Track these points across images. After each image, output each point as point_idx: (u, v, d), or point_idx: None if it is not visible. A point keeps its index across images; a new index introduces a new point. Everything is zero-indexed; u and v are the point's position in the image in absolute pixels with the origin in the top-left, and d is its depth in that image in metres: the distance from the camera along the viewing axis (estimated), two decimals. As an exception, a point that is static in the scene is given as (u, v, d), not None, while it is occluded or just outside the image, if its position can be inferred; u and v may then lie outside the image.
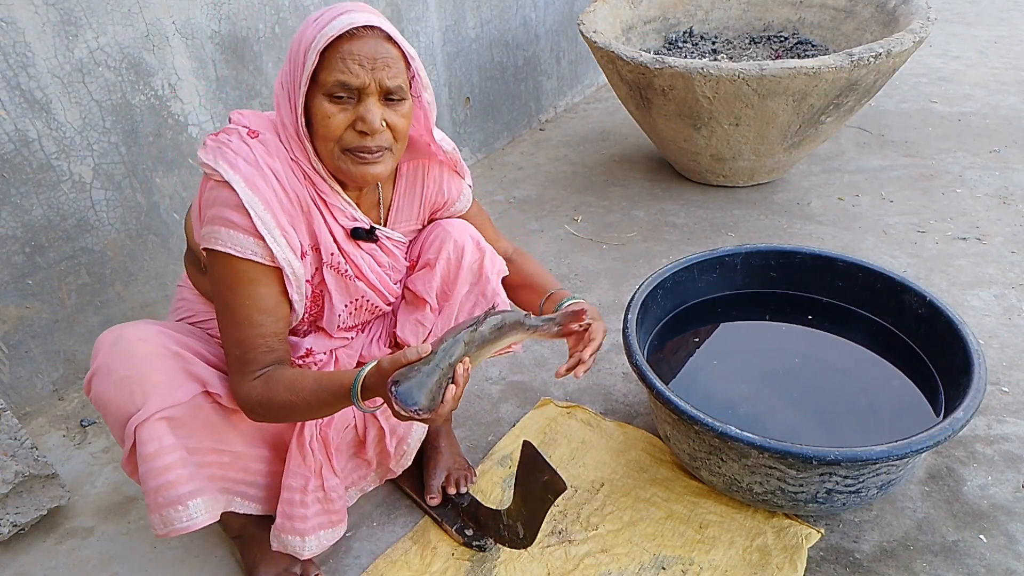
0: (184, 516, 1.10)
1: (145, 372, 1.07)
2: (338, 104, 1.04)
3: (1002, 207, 2.51)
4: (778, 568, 1.30)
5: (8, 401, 1.75)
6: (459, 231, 1.29)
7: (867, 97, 2.39)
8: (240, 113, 1.14)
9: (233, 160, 1.05)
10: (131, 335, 1.10)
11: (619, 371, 1.86)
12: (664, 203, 2.70)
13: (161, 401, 1.07)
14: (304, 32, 1.04)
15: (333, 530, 1.32)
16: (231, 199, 1.04)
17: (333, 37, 1.00)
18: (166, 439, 1.08)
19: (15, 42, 1.54)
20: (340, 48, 1.01)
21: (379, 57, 1.04)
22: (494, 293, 1.32)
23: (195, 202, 1.15)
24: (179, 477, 1.09)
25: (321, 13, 1.05)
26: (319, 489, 1.27)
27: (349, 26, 1.01)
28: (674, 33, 3.11)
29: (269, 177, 1.07)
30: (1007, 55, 3.95)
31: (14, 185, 1.63)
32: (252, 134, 1.10)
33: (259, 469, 1.27)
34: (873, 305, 1.66)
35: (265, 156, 1.08)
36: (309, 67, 1.01)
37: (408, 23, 2.53)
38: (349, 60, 1.02)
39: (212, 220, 1.05)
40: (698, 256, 1.72)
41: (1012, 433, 1.59)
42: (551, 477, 1.17)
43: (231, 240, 1.04)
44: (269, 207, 1.06)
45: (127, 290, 1.93)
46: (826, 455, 1.17)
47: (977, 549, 1.34)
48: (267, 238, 1.05)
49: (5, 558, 1.45)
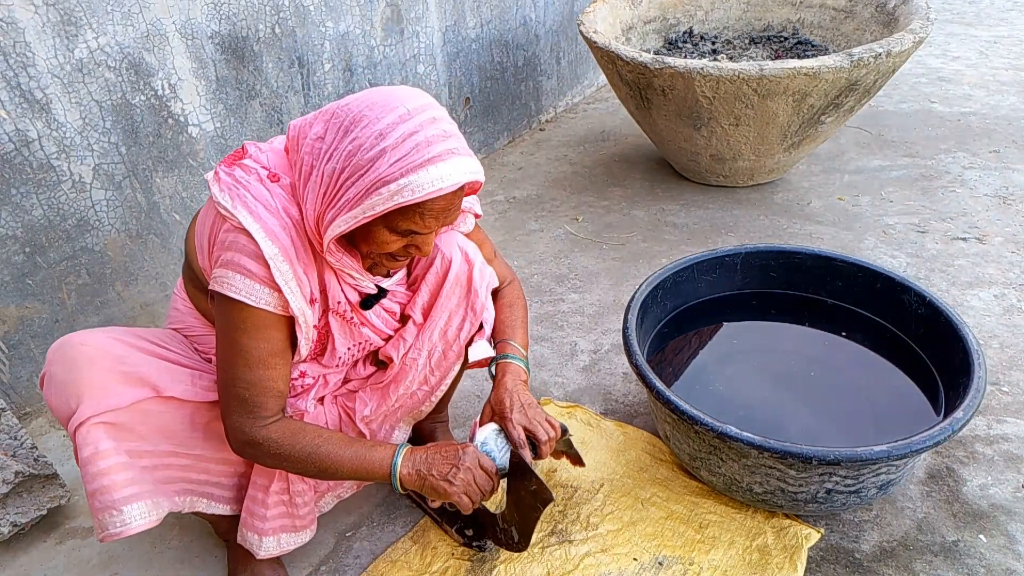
0: (118, 521, 1.09)
1: (80, 377, 1.06)
2: (397, 235, 1.02)
3: (1002, 207, 2.51)
4: (778, 568, 1.30)
5: (8, 401, 1.75)
6: (448, 243, 1.26)
7: (867, 97, 2.39)
8: (258, 147, 1.10)
9: (253, 206, 1.01)
10: (74, 340, 1.10)
11: (619, 371, 1.86)
12: (664, 203, 2.70)
13: (95, 405, 1.05)
14: (381, 158, 0.93)
15: (296, 535, 1.31)
16: (248, 247, 1.01)
17: (420, 200, 0.94)
18: (102, 443, 1.06)
19: (15, 42, 1.54)
20: (421, 204, 0.97)
21: (453, 207, 1.01)
22: (483, 307, 1.28)
23: (201, 223, 1.10)
24: (113, 482, 1.07)
25: (403, 137, 0.93)
26: (283, 492, 1.27)
27: (439, 191, 0.94)
28: (674, 33, 3.11)
29: (288, 226, 1.03)
30: (1007, 55, 3.95)
31: (14, 185, 1.63)
32: (273, 178, 1.05)
33: (223, 470, 1.26)
34: (873, 305, 1.66)
35: (285, 203, 1.04)
36: (379, 209, 0.95)
37: (408, 23, 2.54)
38: (428, 216, 0.99)
39: (227, 264, 1.02)
40: (698, 256, 1.72)
41: (1012, 433, 1.59)
42: (539, 487, 1.18)
43: (247, 289, 1.02)
44: (288, 257, 1.02)
45: (127, 290, 1.93)
46: (826, 455, 1.17)
47: (977, 549, 1.34)
48: (284, 290, 1.03)
49: (5, 558, 1.45)
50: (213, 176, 1.06)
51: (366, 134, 0.94)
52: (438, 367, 1.30)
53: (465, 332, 1.28)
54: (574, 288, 2.22)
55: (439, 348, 1.29)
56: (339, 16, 2.25)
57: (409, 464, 1.13)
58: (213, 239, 1.06)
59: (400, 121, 0.94)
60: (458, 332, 1.28)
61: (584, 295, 2.18)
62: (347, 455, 1.11)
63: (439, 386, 1.33)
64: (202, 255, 1.10)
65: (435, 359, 1.29)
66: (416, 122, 0.94)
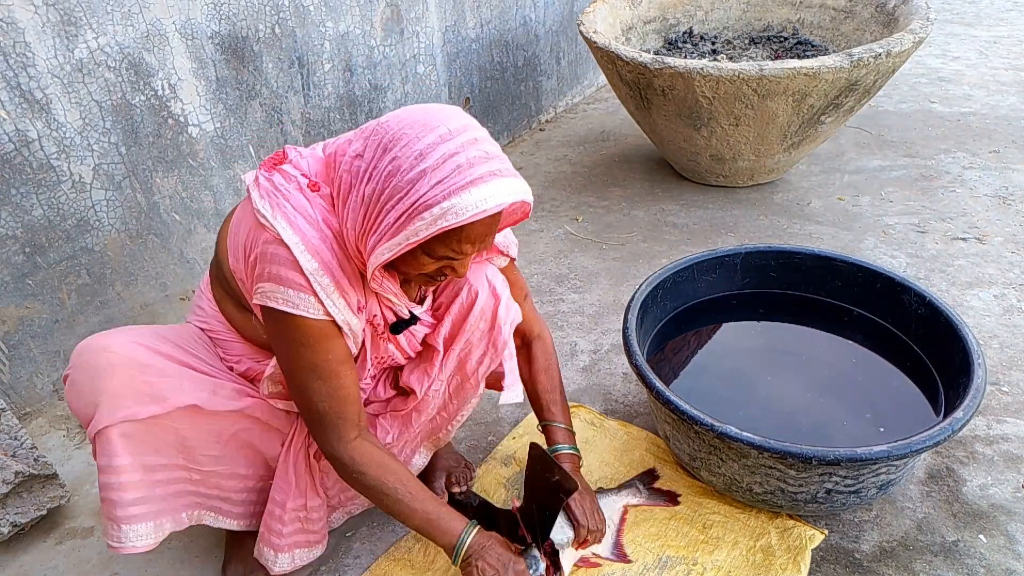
0: (116, 536, 1.10)
1: (100, 385, 1.05)
2: (434, 259, 0.99)
3: (1002, 207, 2.51)
4: (781, 569, 1.30)
5: (8, 401, 1.75)
6: (476, 274, 1.22)
7: (867, 97, 2.39)
8: (299, 152, 1.07)
9: (292, 217, 0.98)
10: (98, 345, 1.09)
11: (619, 371, 1.86)
12: (664, 203, 2.70)
13: (113, 414, 1.05)
14: (422, 179, 0.89)
15: (310, 550, 1.31)
16: (289, 259, 0.98)
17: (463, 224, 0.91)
18: (118, 457, 1.07)
19: (15, 42, 1.54)
20: (460, 229, 0.93)
21: (491, 232, 0.99)
22: (504, 345, 1.24)
23: (236, 226, 1.07)
24: (121, 499, 1.09)
25: (443, 158, 0.90)
26: (301, 509, 1.27)
27: (483, 213, 0.90)
28: (674, 33, 3.11)
29: (329, 238, 1.00)
30: (1007, 55, 3.95)
31: (14, 185, 1.63)
32: (313, 187, 1.02)
33: (233, 485, 1.26)
34: (873, 305, 1.66)
35: (326, 214, 1.01)
36: (421, 236, 0.91)
37: (408, 23, 2.54)
38: (464, 242, 0.96)
39: (276, 279, 0.99)
40: (698, 256, 1.72)
41: (1012, 433, 1.59)
42: (561, 477, 1.19)
43: (295, 299, 1.00)
44: (328, 270, 1.00)
45: (127, 290, 1.93)
46: (826, 455, 1.17)
47: (977, 549, 1.34)
48: (327, 303, 1.01)
49: (5, 558, 1.45)
50: (253, 181, 1.03)
51: (406, 154, 0.91)
52: (456, 396, 1.30)
53: (484, 367, 1.27)
54: (574, 288, 2.22)
55: (457, 378, 1.28)
56: (339, 16, 2.25)
57: (468, 547, 1.16)
58: (250, 246, 1.03)
59: (441, 141, 0.91)
60: (477, 366, 1.26)
61: (584, 295, 2.18)
62: (420, 511, 1.14)
63: (457, 414, 1.33)
64: (235, 259, 1.07)
65: (453, 387, 1.29)
66: (457, 143, 0.91)
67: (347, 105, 2.40)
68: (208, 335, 1.24)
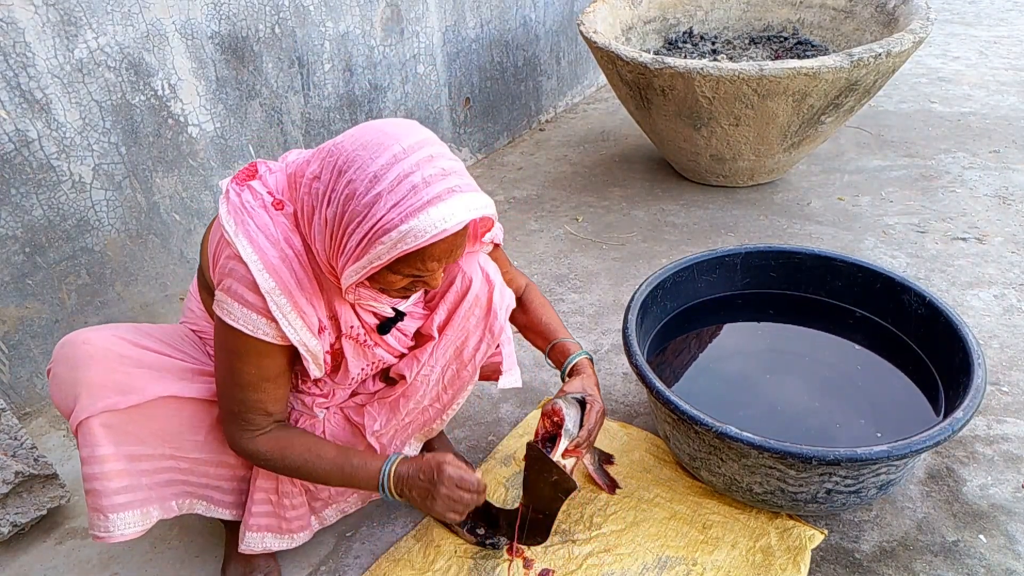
0: (103, 526, 1.11)
1: (79, 375, 1.06)
2: (402, 276, 1.00)
3: (1002, 207, 2.51)
4: (781, 569, 1.30)
5: (8, 401, 1.75)
6: (469, 262, 1.23)
7: (867, 97, 2.39)
8: (268, 167, 1.08)
9: (255, 235, 0.99)
10: (78, 338, 1.10)
11: (619, 371, 1.86)
12: (664, 203, 2.70)
13: (92, 404, 1.05)
14: (378, 203, 0.89)
15: (281, 537, 1.30)
16: (247, 277, 0.99)
17: (422, 246, 0.91)
18: (100, 447, 1.07)
19: (15, 42, 1.54)
20: (423, 250, 0.93)
21: (457, 247, 0.99)
22: (501, 329, 1.26)
23: (213, 235, 1.09)
24: (105, 488, 1.09)
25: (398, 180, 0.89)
26: (272, 492, 1.26)
27: (443, 233, 0.90)
28: (674, 33, 3.11)
29: (289, 257, 1.01)
30: (1007, 55, 3.95)
31: (14, 185, 1.63)
32: (277, 205, 1.02)
33: (222, 473, 1.25)
34: (873, 305, 1.66)
35: (288, 233, 1.01)
36: (384, 259, 0.92)
37: (408, 23, 2.54)
38: (430, 260, 0.96)
39: (228, 291, 1.02)
40: (698, 256, 1.72)
41: (1012, 433, 1.59)
42: (560, 477, 1.19)
43: (244, 318, 1.01)
44: (286, 289, 1.00)
45: (127, 290, 1.93)
46: (826, 455, 1.17)
47: (977, 549, 1.34)
48: (282, 323, 1.01)
49: (5, 558, 1.45)
50: (224, 195, 1.04)
51: (360, 176, 0.91)
52: (451, 385, 1.29)
53: (481, 353, 1.27)
54: (574, 288, 2.22)
55: (453, 366, 1.27)
56: (339, 16, 2.25)
57: (393, 482, 1.16)
58: (218, 257, 1.05)
59: (395, 161, 0.90)
60: (474, 353, 1.26)
61: (584, 295, 2.18)
62: (335, 470, 1.15)
63: (451, 404, 1.32)
64: (211, 267, 1.09)
65: (448, 377, 1.28)
66: (411, 161, 0.90)
67: (347, 105, 2.40)
68: (199, 336, 1.26)
